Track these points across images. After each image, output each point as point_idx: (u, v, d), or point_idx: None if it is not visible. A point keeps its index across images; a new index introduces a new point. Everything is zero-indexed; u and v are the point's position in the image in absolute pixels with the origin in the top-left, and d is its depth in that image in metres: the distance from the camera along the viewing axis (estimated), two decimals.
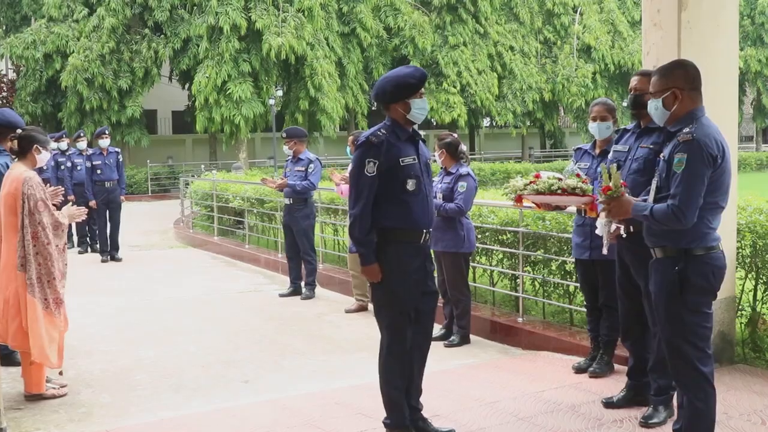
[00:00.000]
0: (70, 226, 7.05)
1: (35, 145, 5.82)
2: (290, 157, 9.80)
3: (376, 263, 4.49)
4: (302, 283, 9.85)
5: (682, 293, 3.92)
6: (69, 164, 13.86)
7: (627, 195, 4.12)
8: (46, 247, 5.60)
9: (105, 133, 13.48)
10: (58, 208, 5.94)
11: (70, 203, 6.85)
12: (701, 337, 3.96)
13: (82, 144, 14.14)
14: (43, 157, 5.90)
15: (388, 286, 4.51)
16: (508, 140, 46.42)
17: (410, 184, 4.50)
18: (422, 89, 4.54)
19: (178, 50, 30.47)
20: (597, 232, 4.45)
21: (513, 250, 7.60)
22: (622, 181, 4.16)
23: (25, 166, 5.79)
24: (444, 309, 7.39)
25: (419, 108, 4.52)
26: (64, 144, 14.39)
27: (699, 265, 3.93)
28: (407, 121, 4.55)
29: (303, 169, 9.59)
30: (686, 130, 3.88)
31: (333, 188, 9.49)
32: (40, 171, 15.33)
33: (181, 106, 38.14)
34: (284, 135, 9.82)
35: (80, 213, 6.00)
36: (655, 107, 4.07)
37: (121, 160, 13.49)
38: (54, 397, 5.80)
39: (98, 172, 13.10)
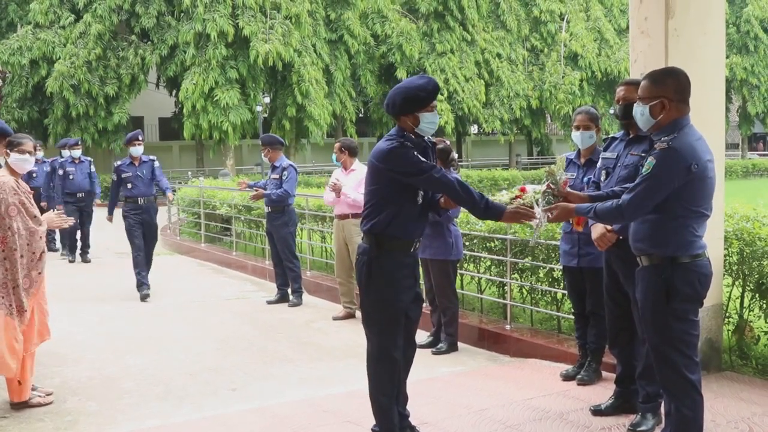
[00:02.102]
0: (55, 232, 7.03)
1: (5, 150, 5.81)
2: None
3: (506, 208, 4.44)
4: (289, 290, 9.83)
5: (668, 301, 3.95)
6: (61, 172, 13.65)
7: (571, 192, 4.33)
8: (14, 252, 5.52)
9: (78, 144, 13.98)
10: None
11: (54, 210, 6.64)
12: (688, 344, 3.98)
13: (77, 152, 14.07)
14: (20, 163, 5.83)
15: (380, 292, 4.51)
16: (496, 147, 46.54)
17: (419, 196, 4.50)
18: (433, 102, 4.48)
19: (165, 57, 30.41)
20: (533, 223, 4.47)
21: (501, 258, 7.61)
22: (566, 179, 4.37)
23: (5, 171, 5.77)
24: (432, 316, 7.39)
25: (429, 122, 4.47)
26: (77, 152, 14.02)
27: (685, 272, 3.96)
28: (416, 134, 4.51)
29: (278, 176, 9.60)
30: (664, 138, 3.92)
31: (321, 195, 9.49)
32: (29, 177, 15.00)
33: (168, 113, 38.06)
34: (260, 143, 9.90)
35: (61, 221, 5.96)
36: (641, 113, 4.09)
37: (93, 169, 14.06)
38: (39, 405, 5.76)
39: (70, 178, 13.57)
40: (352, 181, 8.36)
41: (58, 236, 15.08)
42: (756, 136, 64.49)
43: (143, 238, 10.32)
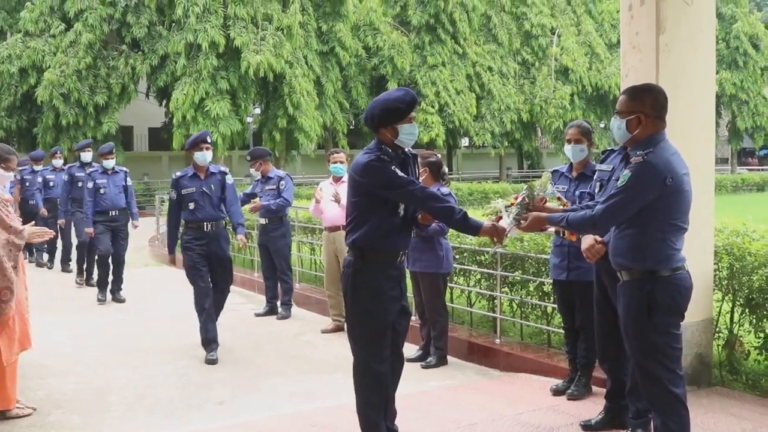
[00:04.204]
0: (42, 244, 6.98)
1: None
2: (258, 178, 9.82)
3: (483, 224, 4.47)
4: (278, 303, 9.80)
5: (650, 315, 3.98)
6: (90, 185, 10.91)
7: (546, 207, 4.39)
8: None
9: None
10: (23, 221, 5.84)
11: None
12: (672, 358, 4.01)
13: (58, 161, 14.00)
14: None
15: (365, 304, 4.49)
16: (486, 160, 46.65)
17: (401, 208, 4.51)
18: (412, 114, 4.51)
19: (155, 67, 30.35)
20: (502, 223, 4.48)
21: (491, 271, 7.60)
22: (543, 197, 4.43)
23: None
24: (421, 330, 7.37)
25: (407, 133, 4.49)
26: (88, 155, 12.15)
27: (665, 286, 3.99)
28: (396, 146, 4.53)
29: (274, 187, 9.59)
30: (640, 152, 3.97)
31: (307, 207, 9.48)
32: (45, 186, 14.21)
33: (157, 123, 37.98)
34: (248, 158, 9.82)
35: (43, 233, 5.91)
36: (618, 126, 4.16)
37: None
38: (18, 416, 5.69)
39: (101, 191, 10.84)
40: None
41: (59, 255, 14.25)
42: (745, 151, 64.77)
43: (212, 278, 7.85)
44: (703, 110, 5.87)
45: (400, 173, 4.39)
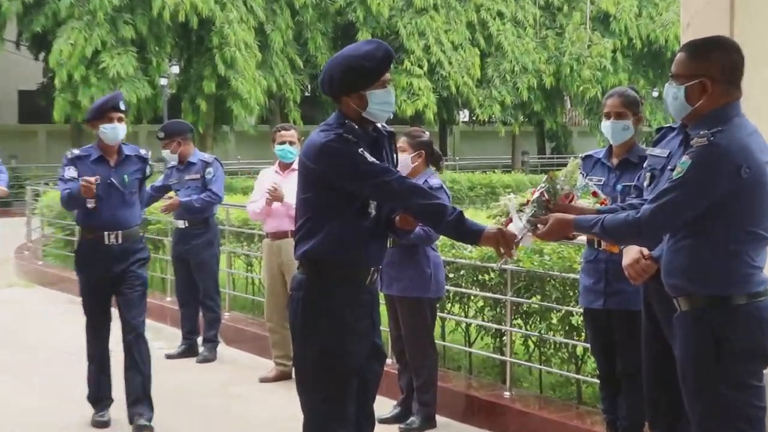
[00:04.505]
0: None
1: None
2: (174, 164, 9.70)
3: (486, 229, 4.45)
4: (199, 339, 9.75)
5: (719, 359, 3.97)
6: None
7: (573, 206, 4.41)
8: None
9: None
10: None
11: None
12: (749, 420, 4.00)
13: None
14: None
15: (322, 342, 4.48)
16: (494, 142, 46.81)
17: (372, 208, 4.51)
18: (386, 75, 4.52)
19: (29, 5, 30.13)
20: (512, 228, 4.48)
21: (497, 296, 7.61)
22: (569, 191, 4.42)
23: None
24: (400, 378, 7.36)
25: (381, 103, 4.50)
26: None
27: (741, 318, 3.99)
28: (365, 120, 4.53)
29: (198, 176, 9.52)
30: (705, 132, 3.97)
31: (244, 205, 9.44)
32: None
33: (32, 85, 37.76)
34: (161, 134, 9.65)
35: None
36: (674, 96, 4.18)
37: None
38: None
39: None
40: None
41: None
42: None
43: (119, 312, 7.52)
44: None
45: (370, 158, 4.38)
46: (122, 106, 7.38)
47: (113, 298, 7.43)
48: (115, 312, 7.44)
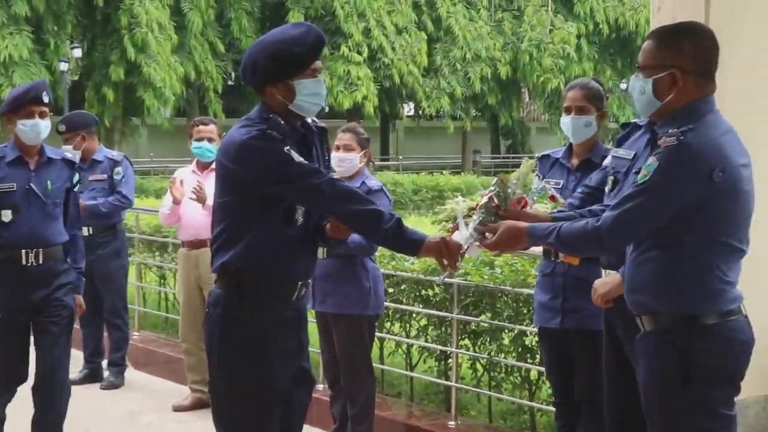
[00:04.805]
0: None
1: None
2: (77, 162, 9.62)
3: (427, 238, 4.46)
4: (104, 363, 9.69)
5: (686, 385, 3.99)
6: None
7: (526, 213, 4.42)
8: None
9: None
10: None
11: None
12: None
13: None
14: None
15: (243, 365, 4.49)
16: (442, 139, 46.91)
17: (299, 214, 4.52)
18: (317, 63, 4.53)
19: None
20: (457, 237, 4.50)
21: (443, 314, 7.64)
22: (521, 195, 4.44)
23: None
24: (332, 406, 7.36)
25: (310, 94, 4.51)
26: None
27: (711, 339, 4.01)
28: (292, 114, 4.53)
29: (104, 176, 9.45)
30: (673, 131, 3.98)
31: (157, 209, 9.38)
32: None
33: None
34: (61, 128, 9.56)
35: None
36: (640, 90, 4.20)
37: None
38: None
39: None
40: None
41: None
42: None
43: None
44: None
45: (297, 157, 4.39)
46: (45, 98, 6.89)
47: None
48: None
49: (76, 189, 7.11)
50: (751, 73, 5.69)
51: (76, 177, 7.12)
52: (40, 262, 6.72)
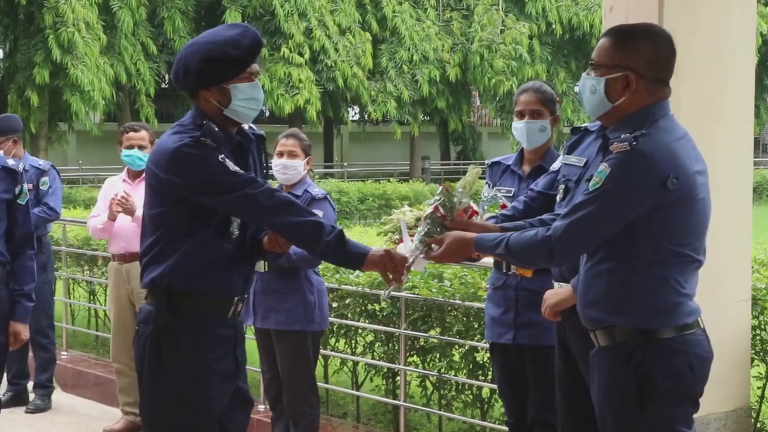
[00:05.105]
0: None
1: None
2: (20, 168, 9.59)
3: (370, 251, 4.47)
4: (30, 385, 9.63)
5: (642, 404, 4.01)
6: None
7: (473, 223, 4.44)
8: None
9: None
10: None
11: None
12: None
13: None
14: None
15: (176, 387, 4.48)
16: (389, 145, 46.87)
17: (234, 227, 4.52)
18: (253, 66, 4.53)
19: None
20: (402, 249, 4.51)
21: (390, 329, 7.66)
22: (468, 204, 4.45)
23: None
24: (273, 428, 7.36)
25: (246, 99, 4.51)
26: None
27: (667, 355, 4.03)
28: (228, 120, 4.53)
29: (29, 186, 9.39)
30: (625, 136, 3.99)
31: (85, 221, 9.33)
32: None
33: None
34: None
35: None
36: (591, 89, 4.21)
37: None
38: None
39: None
40: None
41: None
42: None
43: None
44: (738, 69, 6.02)
45: (232, 166, 4.39)
46: None
47: None
48: None
49: (20, 201, 6.51)
50: (707, 75, 5.74)
51: (19, 187, 6.54)
52: None
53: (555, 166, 5.35)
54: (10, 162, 6.60)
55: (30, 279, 6.69)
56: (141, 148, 8.47)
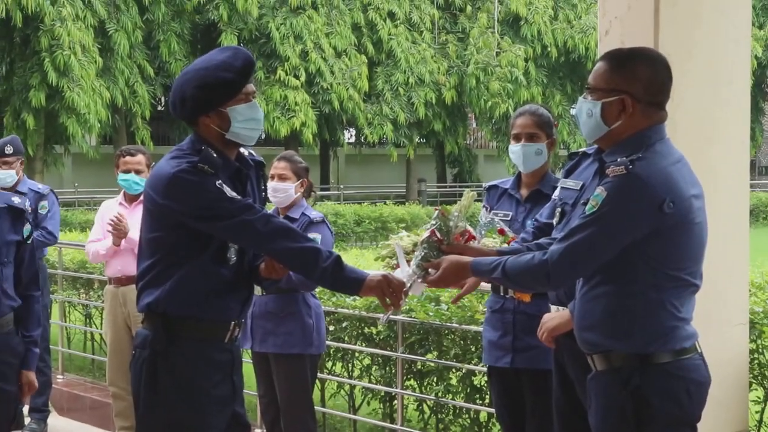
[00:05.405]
0: None
1: None
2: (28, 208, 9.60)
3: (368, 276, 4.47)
4: (25, 408, 9.62)
5: (639, 428, 4.01)
6: None
7: (470, 247, 4.44)
8: None
9: None
10: None
11: None
12: None
13: None
14: None
15: (172, 411, 4.49)
16: (385, 167, 46.71)
17: (232, 252, 4.53)
18: (249, 86, 4.54)
19: None
20: (399, 274, 4.51)
21: (387, 352, 7.66)
22: (464, 228, 4.45)
23: None
24: None
25: (246, 119, 4.52)
26: None
27: (664, 379, 4.03)
28: (227, 144, 4.54)
29: (29, 209, 9.39)
30: (621, 160, 4.00)
31: (82, 244, 9.32)
32: None
33: None
34: (9, 149, 9.54)
35: None
36: (587, 112, 4.21)
37: None
38: None
39: None
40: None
41: None
42: None
43: None
44: (733, 92, 6.03)
45: (229, 192, 4.40)
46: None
47: None
48: None
49: (29, 242, 6.10)
50: (702, 98, 5.75)
51: (27, 227, 6.16)
52: None
53: (556, 193, 5.36)
54: (16, 200, 6.14)
55: (37, 324, 6.22)
56: (137, 172, 8.46)
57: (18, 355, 5.93)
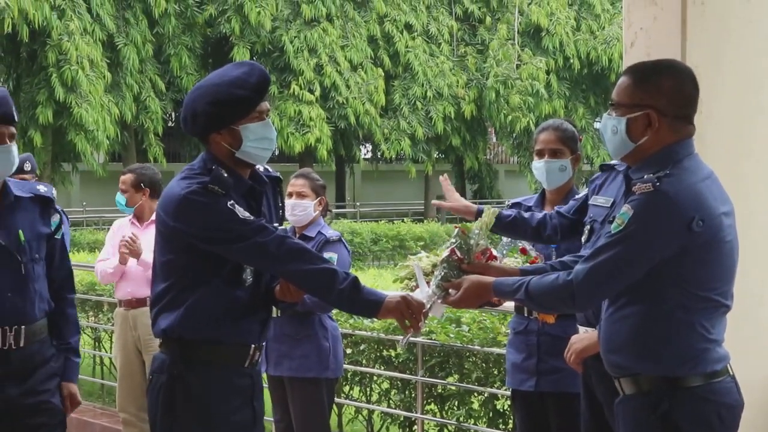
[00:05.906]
0: None
1: None
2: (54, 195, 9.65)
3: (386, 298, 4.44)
4: None
5: None
6: None
7: (492, 266, 4.41)
8: None
9: None
10: None
11: None
12: None
13: None
14: None
15: None
16: (403, 183, 46.81)
17: (248, 274, 4.51)
18: (263, 104, 4.52)
19: None
20: (419, 295, 4.48)
21: (407, 376, 7.64)
22: (486, 246, 4.42)
23: None
24: None
25: (258, 139, 4.50)
26: None
27: (694, 403, 4.00)
28: (239, 163, 4.53)
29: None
30: (648, 176, 3.98)
31: (92, 265, 9.32)
32: None
33: None
34: (27, 167, 9.55)
35: None
36: (612, 129, 4.18)
37: None
38: None
39: None
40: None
41: None
42: None
43: None
44: (764, 104, 5.99)
45: (242, 213, 4.37)
46: (15, 115, 5.56)
47: None
48: None
49: (57, 236, 5.71)
50: (733, 111, 5.72)
51: (56, 218, 5.76)
52: (22, 344, 5.29)
53: (581, 195, 5.34)
54: (42, 189, 5.69)
55: (75, 330, 5.83)
56: (123, 192, 8.50)
57: (58, 366, 5.56)
